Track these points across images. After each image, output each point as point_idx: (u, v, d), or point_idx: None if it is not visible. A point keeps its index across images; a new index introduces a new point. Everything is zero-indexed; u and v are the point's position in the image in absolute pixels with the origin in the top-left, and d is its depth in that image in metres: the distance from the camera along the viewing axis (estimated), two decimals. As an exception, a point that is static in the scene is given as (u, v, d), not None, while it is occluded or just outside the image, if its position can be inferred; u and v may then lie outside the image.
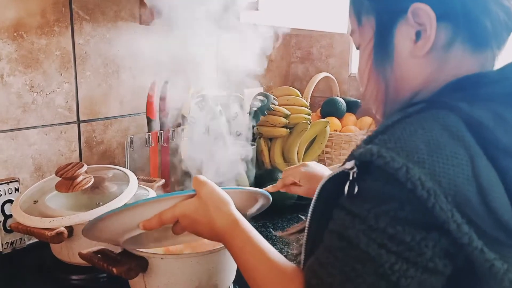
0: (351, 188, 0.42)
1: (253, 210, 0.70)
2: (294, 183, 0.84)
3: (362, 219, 0.41)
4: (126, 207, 0.57)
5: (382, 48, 0.50)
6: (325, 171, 0.84)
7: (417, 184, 0.37)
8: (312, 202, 0.49)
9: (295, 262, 0.54)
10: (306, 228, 0.50)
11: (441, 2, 0.45)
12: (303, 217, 0.50)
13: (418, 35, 0.47)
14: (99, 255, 0.65)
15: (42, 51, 0.93)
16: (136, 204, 0.57)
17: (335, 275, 0.42)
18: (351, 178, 0.42)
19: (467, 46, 0.47)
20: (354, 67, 1.63)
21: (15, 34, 0.88)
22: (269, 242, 0.55)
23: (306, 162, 0.87)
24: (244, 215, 0.59)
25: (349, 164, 0.42)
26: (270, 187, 0.86)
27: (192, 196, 0.58)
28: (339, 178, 0.44)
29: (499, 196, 0.38)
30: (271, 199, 0.71)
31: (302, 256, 0.51)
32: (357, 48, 0.55)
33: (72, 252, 0.78)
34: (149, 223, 0.57)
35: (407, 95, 0.49)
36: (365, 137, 0.45)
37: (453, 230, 0.37)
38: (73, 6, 0.96)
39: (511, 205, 0.39)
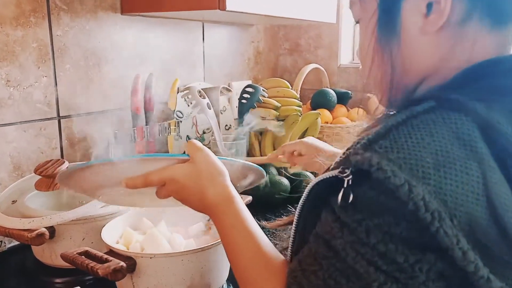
0: (345, 195, 0.37)
1: (244, 183, 0.66)
2: (296, 154, 0.88)
3: (352, 231, 0.37)
4: (110, 160, 0.52)
5: (387, 23, 0.43)
6: (325, 146, 0.86)
7: (420, 205, 0.33)
8: (301, 199, 0.45)
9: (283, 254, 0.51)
10: (294, 225, 0.47)
11: None
12: (293, 209, 0.48)
13: (429, 7, 0.41)
14: (82, 256, 0.61)
15: (18, 43, 0.88)
16: (123, 160, 0.52)
17: (317, 285, 0.39)
18: (345, 185, 0.37)
19: (486, 22, 0.41)
20: (343, 58, 1.61)
21: (-12, 25, 0.83)
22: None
23: (304, 138, 0.90)
24: (235, 187, 0.55)
25: (345, 171, 0.38)
26: (269, 155, 0.89)
27: (185, 161, 0.53)
28: (331, 179, 0.40)
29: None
30: (265, 174, 0.67)
31: (289, 253, 0.48)
32: (357, 23, 0.49)
33: (54, 254, 0.74)
34: (133, 181, 0.52)
35: (414, 80, 0.44)
36: (363, 138, 0.39)
37: (457, 257, 0.33)
38: (50, -4, 0.91)
39: None
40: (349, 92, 1.49)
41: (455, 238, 0.33)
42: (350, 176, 0.37)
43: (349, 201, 0.37)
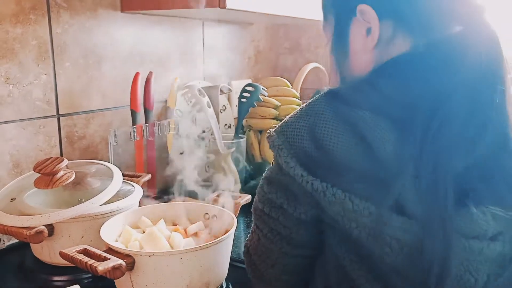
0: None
1: None
2: None
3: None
4: None
5: (340, 44, 0.57)
6: None
7: (274, 145, 0.52)
8: None
9: None
10: None
11: (380, 2, 0.52)
12: None
13: (368, 31, 0.53)
14: (81, 254, 0.60)
15: (18, 41, 0.87)
16: None
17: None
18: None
19: (408, 36, 0.52)
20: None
21: (-13, 22, 0.83)
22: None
23: None
24: None
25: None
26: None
27: None
28: None
29: (333, 136, 0.47)
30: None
31: None
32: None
33: (53, 252, 0.74)
34: None
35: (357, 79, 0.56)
36: None
37: (284, 167, 0.50)
38: (49, -7, 0.91)
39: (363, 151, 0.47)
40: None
41: (284, 157, 0.50)
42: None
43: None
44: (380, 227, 0.45)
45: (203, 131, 1.25)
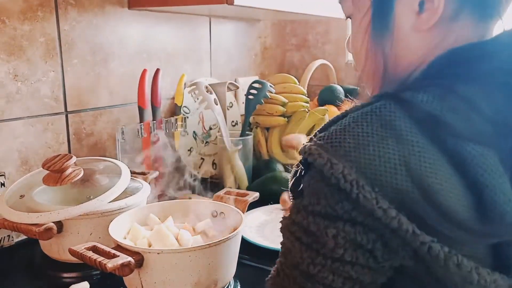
0: (294, 184, 0.43)
1: None
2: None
3: (290, 213, 0.42)
4: None
5: (381, 22, 0.45)
6: None
7: (339, 178, 0.37)
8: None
9: None
10: None
11: None
12: None
13: (421, 5, 0.42)
14: (90, 251, 0.60)
15: (26, 38, 0.87)
16: None
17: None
18: (297, 175, 0.42)
19: (475, 15, 0.42)
20: (351, 54, 1.59)
21: (-4, 19, 0.83)
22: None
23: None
24: None
25: (299, 163, 0.43)
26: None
27: None
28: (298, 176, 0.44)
29: (442, 182, 0.36)
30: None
31: None
32: (347, 18, 0.50)
33: (62, 249, 0.74)
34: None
35: (406, 72, 0.45)
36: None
37: (380, 216, 0.36)
38: (57, -10, 0.91)
39: (472, 192, 0.36)
40: (357, 88, 1.47)
41: (374, 200, 0.35)
42: (300, 167, 0.42)
43: (299, 188, 0.41)
44: None
45: (210, 128, 1.25)
